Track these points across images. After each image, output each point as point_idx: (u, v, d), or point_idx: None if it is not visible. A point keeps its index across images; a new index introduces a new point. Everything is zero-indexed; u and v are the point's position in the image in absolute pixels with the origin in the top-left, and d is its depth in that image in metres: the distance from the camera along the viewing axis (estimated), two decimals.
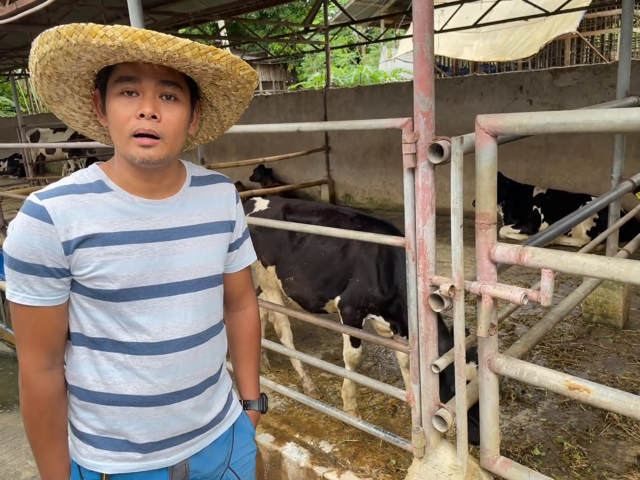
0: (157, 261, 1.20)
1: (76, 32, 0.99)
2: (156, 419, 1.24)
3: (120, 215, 1.16)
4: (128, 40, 0.99)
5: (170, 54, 1.03)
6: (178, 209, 1.25)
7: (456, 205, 1.70)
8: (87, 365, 1.22)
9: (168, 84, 1.12)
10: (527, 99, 6.41)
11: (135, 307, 1.18)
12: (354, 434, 2.62)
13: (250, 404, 1.54)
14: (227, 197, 1.38)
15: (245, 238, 1.47)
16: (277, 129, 2.19)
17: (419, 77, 1.69)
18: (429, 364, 1.91)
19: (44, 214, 1.10)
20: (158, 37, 1.01)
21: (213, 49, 1.08)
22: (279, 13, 19.66)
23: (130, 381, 1.21)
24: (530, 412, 2.79)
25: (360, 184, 8.59)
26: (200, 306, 1.29)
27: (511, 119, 1.58)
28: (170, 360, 1.23)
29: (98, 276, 1.14)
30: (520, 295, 1.62)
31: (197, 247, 1.27)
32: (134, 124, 1.09)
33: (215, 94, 1.25)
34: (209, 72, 1.12)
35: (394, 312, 2.65)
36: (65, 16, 8.18)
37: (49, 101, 1.19)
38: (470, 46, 10.42)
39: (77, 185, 1.16)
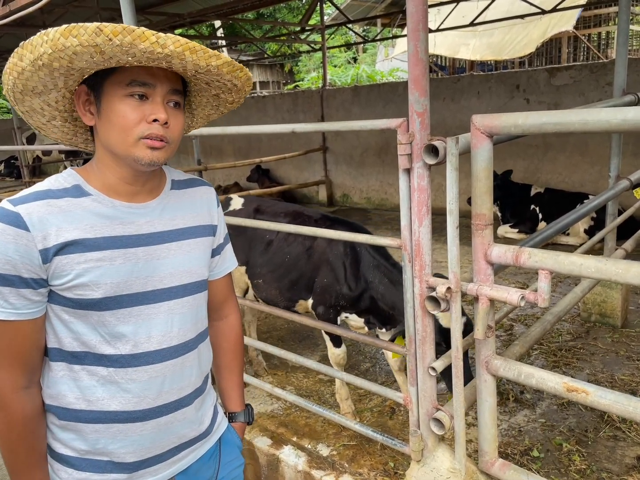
0: (141, 267, 1.15)
1: (124, 32, 0.95)
2: (143, 435, 1.19)
3: (101, 220, 1.12)
4: (179, 50, 0.99)
5: (210, 69, 1.06)
6: (160, 212, 1.21)
7: (452, 206, 1.68)
8: (66, 382, 1.15)
9: (176, 93, 1.13)
10: (524, 97, 6.40)
11: (120, 316, 1.13)
12: (352, 437, 2.60)
13: (235, 416, 1.50)
14: (208, 200, 1.35)
15: (227, 243, 1.43)
16: (271, 130, 2.17)
17: (413, 77, 1.68)
18: (426, 367, 1.89)
19: (19, 221, 1.04)
20: (206, 51, 1.03)
21: (241, 67, 1.11)
22: (275, 13, 19.64)
23: (114, 396, 1.16)
24: (529, 413, 2.78)
25: (357, 184, 8.57)
26: (187, 313, 1.25)
27: (507, 119, 1.56)
28: (157, 372, 1.18)
29: (79, 284, 1.09)
30: (517, 297, 1.60)
31: (182, 252, 1.23)
32: (145, 128, 1.08)
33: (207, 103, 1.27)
34: (227, 86, 1.15)
35: (367, 305, 2.68)
36: (59, 18, 8.15)
37: (29, 93, 1.09)
38: (466, 45, 10.42)
39: (53, 190, 1.11)
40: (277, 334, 3.95)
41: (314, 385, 3.17)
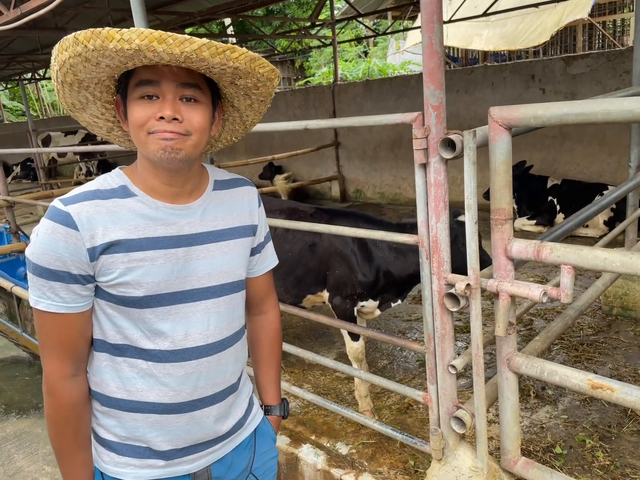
0: (180, 267, 1.19)
1: (93, 37, 0.98)
2: (178, 426, 1.23)
3: (145, 220, 1.16)
4: (145, 42, 0.98)
5: (187, 55, 1.02)
6: (201, 214, 1.24)
7: (470, 201, 1.64)
8: (109, 372, 1.21)
9: (188, 87, 1.11)
10: (540, 87, 6.29)
11: (159, 314, 1.17)
12: (371, 435, 2.58)
13: (271, 409, 1.53)
14: (250, 201, 1.37)
15: (267, 242, 1.46)
16: (284, 127, 2.15)
17: (428, 69, 1.64)
18: (445, 365, 1.86)
19: (69, 220, 1.09)
20: (175, 37, 0.99)
21: (231, 47, 1.06)
22: (285, 9, 19.57)
23: (152, 388, 1.20)
24: (551, 409, 2.73)
25: (371, 179, 8.52)
26: (223, 312, 1.27)
27: (526, 111, 1.52)
28: (192, 368, 1.22)
29: (122, 283, 1.13)
30: (540, 293, 1.56)
31: (221, 253, 1.26)
32: (152, 125, 1.09)
33: (235, 93, 1.23)
34: (227, 71, 1.11)
35: (384, 283, 2.70)
36: (72, 19, 8.20)
37: (72, 109, 1.19)
38: (479, 36, 10.27)
39: (101, 190, 1.15)
40: (293, 332, 3.94)
41: (332, 383, 3.16)
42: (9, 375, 4.08)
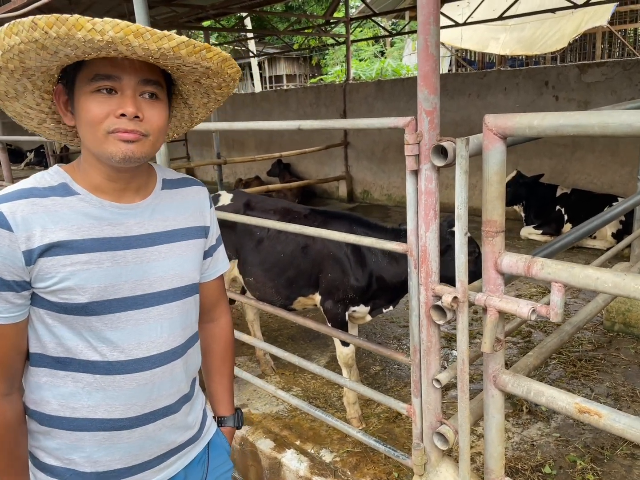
0: (130, 270, 1.10)
1: (57, 23, 0.89)
2: (130, 442, 1.15)
3: (89, 220, 1.07)
4: (120, 35, 0.91)
5: (164, 52, 0.96)
6: (151, 213, 1.16)
7: (461, 212, 1.58)
8: (49, 388, 1.11)
9: (150, 83, 1.05)
10: (553, 94, 6.17)
11: (107, 322, 1.08)
12: (356, 443, 2.53)
13: (225, 420, 1.46)
14: (201, 201, 1.30)
15: (219, 245, 1.39)
16: (277, 126, 2.10)
17: (423, 73, 1.58)
18: (430, 378, 1.80)
19: (2, 220, 0.99)
20: (153, 33, 0.93)
21: (207, 46, 1.01)
22: (304, 5, 19.50)
23: (99, 404, 1.11)
24: (543, 426, 2.66)
25: (378, 180, 8.44)
26: (176, 318, 1.20)
27: (521, 120, 1.45)
28: (145, 379, 1.14)
29: (64, 288, 1.04)
30: (528, 310, 1.50)
31: (173, 254, 1.18)
32: (112, 122, 1.01)
33: (194, 91, 1.17)
34: (198, 70, 1.05)
35: (376, 289, 2.65)
36: (87, 9, 8.20)
37: (3, 97, 1.08)
38: (496, 39, 10.14)
39: (39, 188, 1.06)
40: (287, 332, 3.89)
41: (322, 387, 3.10)
42: None
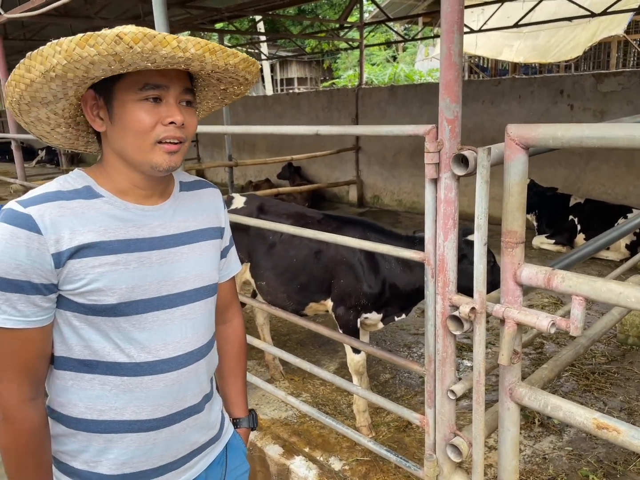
0: (155, 271, 1.12)
1: (145, 39, 0.93)
2: (156, 443, 1.16)
3: (115, 222, 1.08)
4: (199, 52, 0.99)
5: (229, 67, 1.07)
6: (172, 215, 1.19)
7: (481, 222, 1.56)
8: (76, 391, 1.11)
9: (189, 92, 1.11)
10: (568, 103, 6.13)
11: (135, 322, 1.10)
12: (366, 452, 2.51)
13: (240, 422, 1.48)
14: (216, 202, 1.33)
15: (231, 246, 1.41)
16: (295, 131, 2.09)
17: (445, 81, 1.57)
18: (445, 389, 1.78)
19: (31, 223, 0.99)
20: (224, 50, 1.03)
21: (254, 61, 1.10)
22: (317, 9, 19.55)
23: (127, 406, 1.12)
24: (555, 440, 2.62)
25: (389, 186, 8.42)
26: (200, 318, 1.22)
27: (545, 131, 1.44)
28: (172, 379, 1.15)
29: (94, 289, 1.04)
30: (547, 323, 1.47)
31: (194, 255, 1.20)
32: (161, 131, 1.05)
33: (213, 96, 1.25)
34: (239, 80, 1.14)
35: (388, 296, 2.63)
36: (103, 9, 8.26)
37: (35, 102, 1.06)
38: (510, 47, 10.09)
39: (63, 191, 1.07)
40: (296, 337, 3.88)
41: (331, 394, 3.08)
42: None
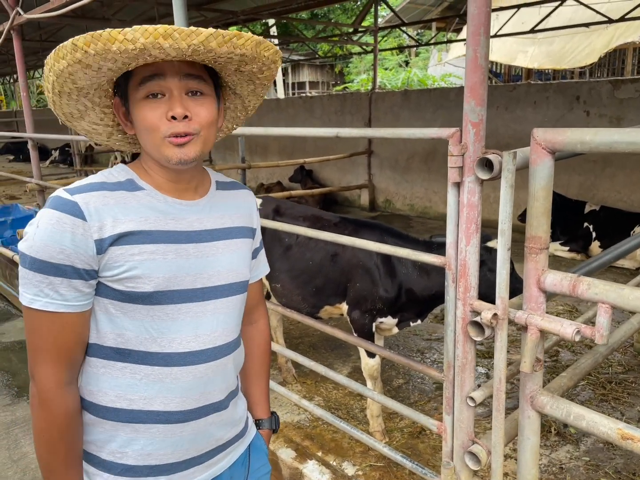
0: (191, 264, 1.14)
1: (94, 41, 0.94)
2: (182, 436, 1.16)
3: (155, 213, 1.11)
4: (150, 40, 0.95)
5: (195, 47, 0.98)
6: (209, 210, 1.21)
7: (504, 226, 1.54)
8: (107, 380, 1.12)
9: (192, 78, 1.07)
10: (584, 109, 6.08)
11: (169, 312, 1.11)
12: (380, 457, 2.49)
13: (262, 423, 1.47)
14: (249, 204, 1.35)
15: (261, 248, 1.43)
16: (314, 133, 2.08)
17: (470, 84, 1.55)
18: (464, 396, 1.76)
19: (77, 210, 1.02)
20: (180, 31, 0.95)
21: (237, 33, 1.02)
22: (329, 14, 19.60)
23: (156, 396, 1.12)
24: (572, 449, 2.58)
25: (401, 190, 8.40)
26: (230, 313, 1.23)
27: (572, 135, 1.41)
28: (201, 372, 1.16)
29: (132, 277, 1.06)
30: (572, 331, 1.45)
31: (229, 251, 1.22)
32: (167, 127, 1.05)
33: (239, 80, 1.19)
34: (234, 59, 1.07)
35: (404, 301, 2.61)
36: (119, 11, 8.34)
37: (70, 118, 1.16)
38: (524, 52, 10.05)
39: (108, 183, 1.11)
40: (309, 340, 3.86)
41: (343, 398, 3.07)
42: (26, 358, 4.08)
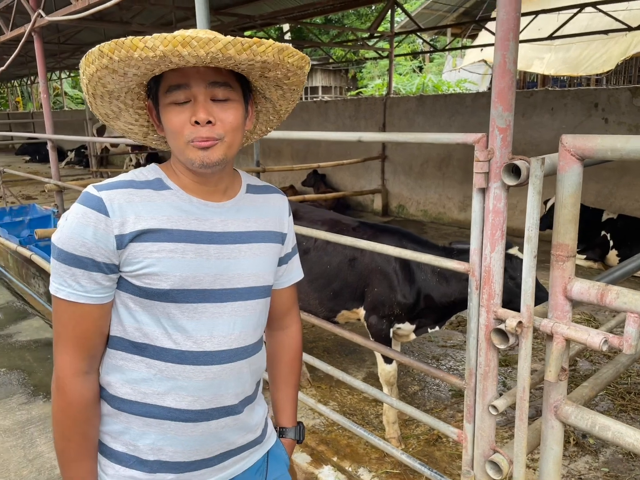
0: (211, 264, 1.14)
1: (117, 48, 0.98)
2: (192, 436, 1.16)
3: (178, 213, 1.13)
4: (169, 48, 0.96)
5: (213, 55, 0.99)
6: (235, 213, 1.21)
7: (531, 233, 1.53)
8: (124, 372, 1.15)
9: (218, 85, 1.08)
10: (602, 117, 6.03)
11: (184, 310, 1.12)
12: (396, 464, 2.47)
13: (286, 432, 1.44)
14: (280, 208, 1.35)
15: (294, 254, 1.41)
16: (336, 137, 2.08)
17: (498, 89, 1.54)
18: (486, 404, 1.74)
19: (101, 205, 1.06)
20: (199, 39, 0.97)
21: (257, 41, 1.01)
22: (343, 19, 19.65)
23: (169, 392, 1.14)
24: (591, 460, 2.55)
25: (415, 195, 8.37)
26: (249, 317, 1.22)
27: (603, 142, 1.40)
28: (214, 373, 1.16)
29: (149, 273, 1.09)
30: (600, 340, 1.43)
31: (252, 254, 1.22)
32: (190, 132, 1.07)
33: (266, 85, 1.19)
34: (256, 66, 1.07)
35: (423, 307, 2.59)
36: (137, 15, 8.41)
37: (106, 118, 1.19)
38: (541, 59, 10.00)
39: (136, 181, 1.14)
40: (323, 345, 3.85)
41: (358, 404, 3.05)
42: (42, 357, 4.11)
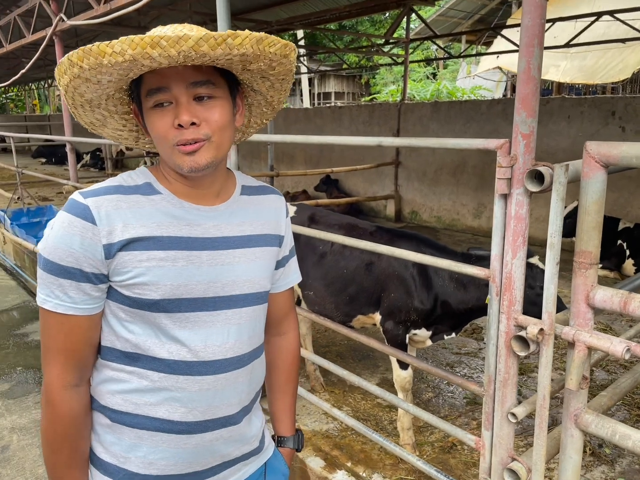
0: (203, 272, 1.10)
1: (85, 56, 0.93)
2: (186, 448, 1.12)
3: (168, 219, 1.08)
4: (138, 51, 0.92)
5: (185, 54, 0.94)
6: (228, 217, 1.16)
7: (554, 240, 1.52)
8: (116, 382, 1.11)
9: (199, 85, 1.03)
10: (620, 125, 5.99)
11: (176, 320, 1.08)
12: (410, 471, 2.45)
13: (284, 441, 1.40)
14: (277, 210, 1.29)
15: (292, 256, 1.37)
16: (357, 142, 2.09)
17: (522, 95, 1.54)
18: (505, 412, 1.73)
19: (87, 213, 1.01)
20: (167, 38, 0.91)
21: (232, 33, 0.95)
22: (357, 25, 19.72)
23: (161, 403, 1.10)
24: (607, 470, 2.52)
25: (428, 202, 8.35)
26: (245, 325, 1.17)
27: (628, 149, 1.39)
28: (208, 384, 1.12)
29: (139, 283, 1.04)
30: (622, 349, 1.41)
31: (246, 260, 1.17)
32: (174, 135, 1.03)
33: (252, 78, 1.14)
34: (234, 59, 1.01)
35: (440, 313, 2.58)
36: (154, 20, 8.52)
37: (93, 127, 1.15)
38: (557, 66, 9.96)
39: (124, 186, 1.09)
40: (336, 350, 3.85)
41: (372, 409, 3.04)
42: None
